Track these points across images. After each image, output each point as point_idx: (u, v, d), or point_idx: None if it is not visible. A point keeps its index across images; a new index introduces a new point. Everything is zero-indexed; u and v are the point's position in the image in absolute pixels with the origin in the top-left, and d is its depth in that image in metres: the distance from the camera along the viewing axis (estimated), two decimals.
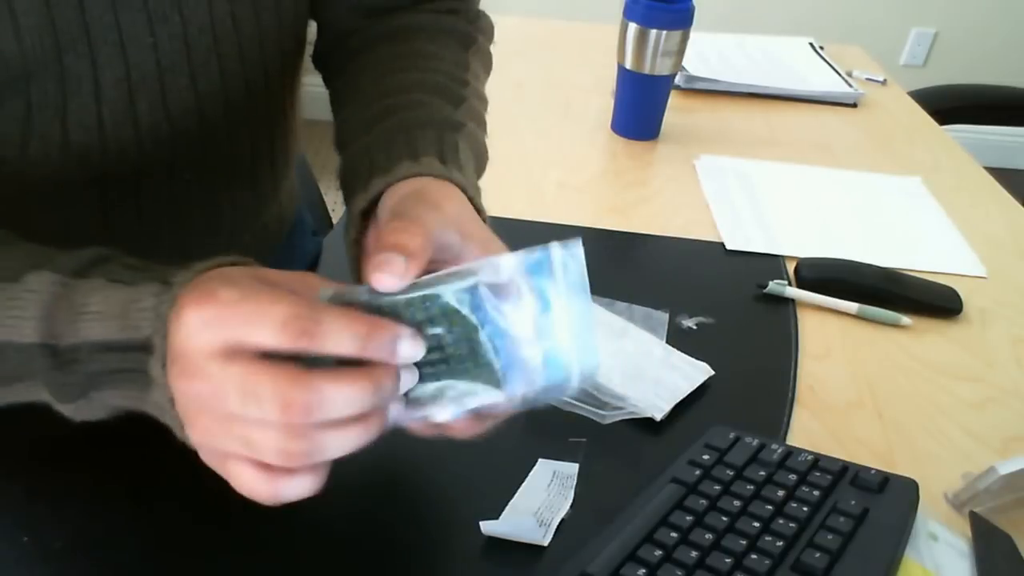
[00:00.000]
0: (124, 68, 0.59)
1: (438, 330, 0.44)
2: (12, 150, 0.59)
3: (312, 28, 0.77)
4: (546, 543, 0.63)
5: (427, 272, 0.46)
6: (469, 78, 0.69)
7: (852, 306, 0.93)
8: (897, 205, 1.18)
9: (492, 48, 0.77)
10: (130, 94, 0.61)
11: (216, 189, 0.72)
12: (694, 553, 0.58)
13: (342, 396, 0.41)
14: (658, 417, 0.75)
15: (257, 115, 0.71)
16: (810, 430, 0.77)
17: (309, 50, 0.81)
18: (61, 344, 0.46)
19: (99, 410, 0.49)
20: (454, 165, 0.56)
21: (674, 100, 1.34)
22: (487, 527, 0.63)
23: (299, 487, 0.44)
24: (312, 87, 0.89)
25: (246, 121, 0.70)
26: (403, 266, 0.43)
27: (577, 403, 0.75)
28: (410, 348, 0.43)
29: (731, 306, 0.93)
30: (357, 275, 0.56)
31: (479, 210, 0.55)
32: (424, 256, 0.44)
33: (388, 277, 0.43)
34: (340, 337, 0.41)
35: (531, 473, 0.68)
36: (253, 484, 0.44)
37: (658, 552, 0.58)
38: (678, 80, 1.43)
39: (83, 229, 0.67)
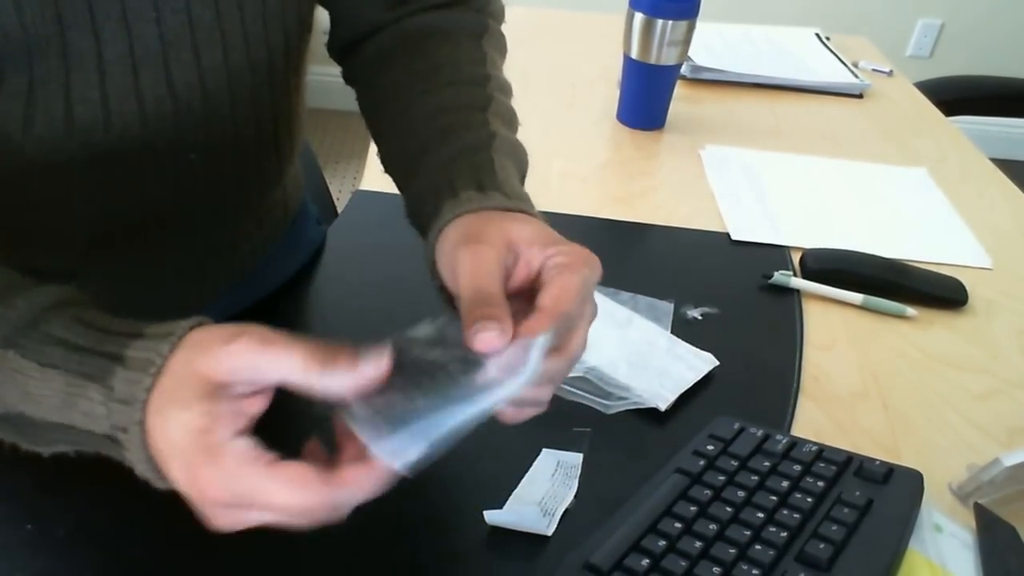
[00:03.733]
0: (127, 42, 0.59)
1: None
2: (16, 127, 0.59)
3: (325, 17, 0.77)
4: (550, 533, 0.63)
5: None
6: (489, 70, 0.70)
7: (857, 297, 0.93)
8: (903, 196, 1.18)
9: (503, 29, 0.78)
10: (134, 69, 0.60)
11: (221, 171, 0.72)
12: (698, 543, 0.58)
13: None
14: (663, 407, 0.74)
15: (261, 95, 0.71)
16: (815, 421, 0.77)
17: (320, 39, 0.81)
18: (13, 411, 0.48)
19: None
20: (491, 186, 0.59)
21: (680, 90, 1.33)
22: (491, 516, 0.63)
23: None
24: (319, 76, 0.89)
25: (250, 100, 0.70)
26: (499, 328, 0.47)
27: (582, 393, 0.75)
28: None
29: (736, 297, 0.92)
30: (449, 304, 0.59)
31: (525, 211, 0.57)
32: (505, 308, 0.48)
33: (494, 342, 0.47)
34: None
35: (535, 463, 0.68)
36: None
37: (662, 542, 0.58)
38: (684, 70, 1.42)
39: (88, 212, 0.67)
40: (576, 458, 0.69)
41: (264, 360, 0.44)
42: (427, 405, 0.45)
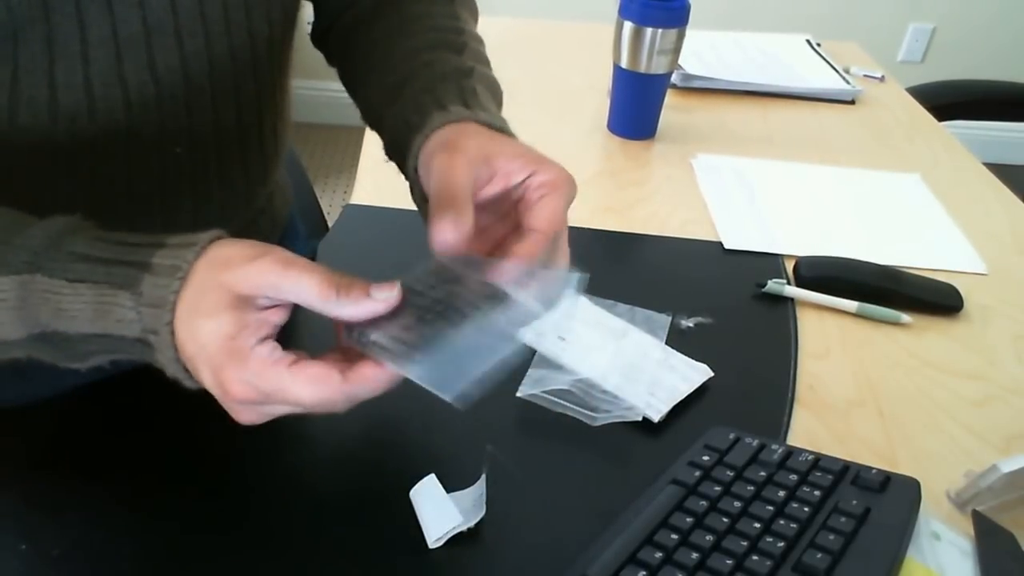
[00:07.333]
0: (111, 27, 0.60)
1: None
2: (1, 116, 0.59)
3: (309, 10, 0.79)
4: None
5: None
6: (462, 25, 0.75)
7: (852, 304, 0.93)
8: (896, 202, 1.18)
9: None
10: (117, 53, 0.61)
11: (206, 166, 0.72)
12: (695, 555, 0.57)
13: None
14: (656, 418, 0.74)
15: (243, 86, 0.71)
16: (810, 430, 0.77)
17: (310, 49, 0.81)
18: (48, 330, 0.51)
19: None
20: (477, 106, 0.63)
21: (671, 99, 1.33)
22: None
23: None
24: (310, 90, 0.89)
25: (232, 90, 0.70)
26: (453, 224, 0.51)
27: (567, 404, 0.75)
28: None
29: (730, 306, 0.92)
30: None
31: (505, 132, 0.62)
32: (468, 207, 0.52)
33: (447, 234, 0.51)
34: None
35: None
36: None
37: (658, 554, 0.57)
38: (674, 78, 1.43)
39: (73, 206, 0.67)
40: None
41: (284, 281, 0.47)
42: (456, 335, 0.47)
